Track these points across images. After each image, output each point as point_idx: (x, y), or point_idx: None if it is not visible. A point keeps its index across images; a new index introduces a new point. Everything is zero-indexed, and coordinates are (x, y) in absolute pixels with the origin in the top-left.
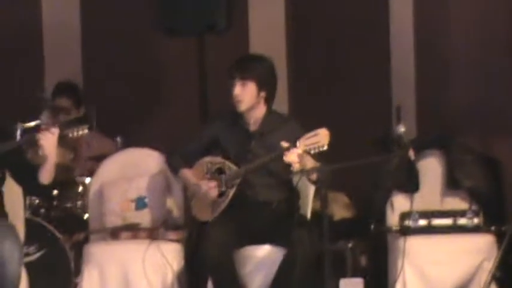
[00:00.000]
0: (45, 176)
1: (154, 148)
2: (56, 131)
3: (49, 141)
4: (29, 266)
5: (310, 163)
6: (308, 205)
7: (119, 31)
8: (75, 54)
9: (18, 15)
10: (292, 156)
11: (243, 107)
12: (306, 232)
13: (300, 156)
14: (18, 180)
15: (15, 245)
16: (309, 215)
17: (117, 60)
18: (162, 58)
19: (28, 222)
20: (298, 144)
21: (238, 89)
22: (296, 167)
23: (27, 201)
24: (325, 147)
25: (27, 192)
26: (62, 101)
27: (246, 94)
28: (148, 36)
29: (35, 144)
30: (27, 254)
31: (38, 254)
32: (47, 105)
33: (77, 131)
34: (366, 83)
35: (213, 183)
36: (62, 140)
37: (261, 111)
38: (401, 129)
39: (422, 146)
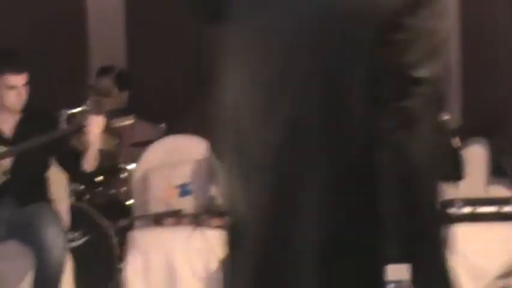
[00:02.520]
0: (89, 163)
1: (197, 134)
2: (101, 120)
3: (94, 129)
4: (74, 252)
5: None
6: None
7: (163, 18)
8: (119, 41)
9: (63, 2)
10: None
11: None
12: None
13: None
14: (63, 167)
15: (59, 231)
16: None
17: (160, 48)
18: (206, 45)
19: (72, 209)
20: None
21: None
22: None
23: (72, 188)
24: None
25: (71, 179)
26: (104, 81)
27: None
28: (193, 23)
29: (80, 132)
30: (71, 240)
31: (82, 240)
32: (92, 91)
33: (122, 121)
34: None
35: None
36: (106, 127)
37: None
38: (446, 116)
39: (467, 134)
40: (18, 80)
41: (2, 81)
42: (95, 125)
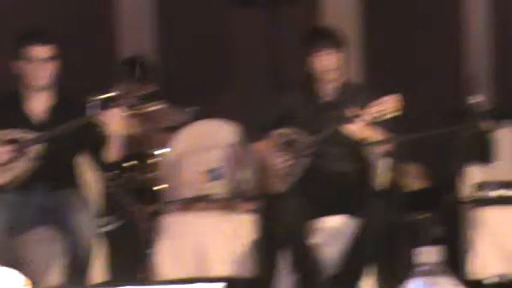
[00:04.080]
0: (110, 153)
1: (227, 119)
2: (119, 111)
3: (112, 121)
4: (105, 237)
5: (372, 133)
6: (381, 176)
7: (191, 3)
8: (148, 26)
9: None
10: (354, 126)
11: (334, 75)
12: (379, 203)
13: (363, 126)
14: (88, 155)
15: (89, 217)
16: (382, 186)
17: (188, 32)
18: (234, 29)
19: (103, 194)
20: (364, 112)
21: (331, 58)
22: (358, 136)
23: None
24: (395, 114)
25: (96, 167)
26: (130, 73)
27: (338, 63)
28: (220, 7)
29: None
30: (102, 226)
31: (112, 225)
32: (122, 78)
33: (149, 106)
34: (439, 52)
35: (281, 158)
36: (134, 113)
37: (337, 81)
38: (476, 99)
39: (497, 116)
40: (43, 51)
41: (27, 53)
42: (112, 117)
